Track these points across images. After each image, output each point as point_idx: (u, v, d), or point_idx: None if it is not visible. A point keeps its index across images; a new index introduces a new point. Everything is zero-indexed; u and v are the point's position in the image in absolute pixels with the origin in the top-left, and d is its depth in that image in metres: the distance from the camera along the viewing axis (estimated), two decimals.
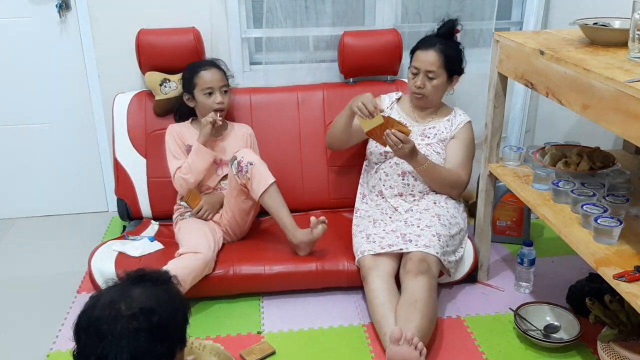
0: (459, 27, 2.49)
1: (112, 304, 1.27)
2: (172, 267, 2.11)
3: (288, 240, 2.39)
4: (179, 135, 2.56)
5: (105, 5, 2.76)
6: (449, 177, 2.42)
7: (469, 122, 2.52)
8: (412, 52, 2.50)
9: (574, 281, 2.30)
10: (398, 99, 2.63)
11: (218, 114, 2.48)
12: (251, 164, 2.34)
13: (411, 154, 2.28)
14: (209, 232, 2.38)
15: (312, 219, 2.34)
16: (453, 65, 2.45)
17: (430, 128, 2.51)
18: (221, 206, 2.53)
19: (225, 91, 2.52)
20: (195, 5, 2.80)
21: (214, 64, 2.54)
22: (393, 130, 2.24)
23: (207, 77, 2.49)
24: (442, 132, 2.50)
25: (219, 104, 2.48)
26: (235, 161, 2.36)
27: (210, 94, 2.49)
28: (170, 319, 1.29)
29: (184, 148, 2.54)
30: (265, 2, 2.80)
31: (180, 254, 2.24)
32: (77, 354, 1.29)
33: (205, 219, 2.50)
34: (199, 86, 2.50)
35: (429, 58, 2.41)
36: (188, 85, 2.54)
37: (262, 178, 2.34)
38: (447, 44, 2.43)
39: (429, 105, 2.52)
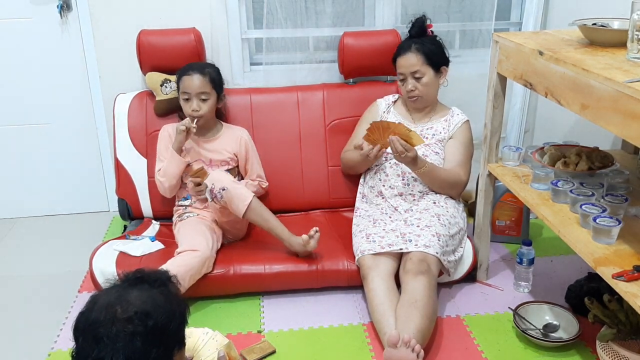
0: (429, 22, 2.53)
1: (108, 306, 1.27)
2: (171, 266, 2.12)
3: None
4: (170, 135, 2.57)
5: (106, 5, 2.76)
6: (448, 178, 2.43)
7: (467, 121, 2.53)
8: (393, 61, 2.52)
9: (573, 281, 2.30)
10: (395, 102, 2.64)
11: (195, 121, 2.46)
12: (223, 190, 2.30)
13: (412, 161, 2.30)
14: (207, 231, 2.39)
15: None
16: (436, 58, 2.47)
17: (428, 128, 2.52)
18: None
19: (204, 99, 2.48)
20: (195, 6, 2.80)
21: (200, 69, 2.49)
22: (397, 137, 2.25)
23: (186, 82, 2.48)
24: (440, 132, 2.51)
25: (193, 111, 2.47)
26: (207, 189, 2.34)
27: (187, 100, 2.49)
28: (167, 322, 1.29)
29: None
30: (265, 3, 2.81)
31: (179, 253, 2.25)
32: (75, 355, 1.29)
33: (196, 193, 2.48)
34: (180, 90, 2.52)
35: (410, 60, 2.44)
36: (177, 87, 2.56)
37: (240, 199, 2.31)
38: (422, 42, 2.46)
39: (427, 103, 2.53)
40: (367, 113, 2.67)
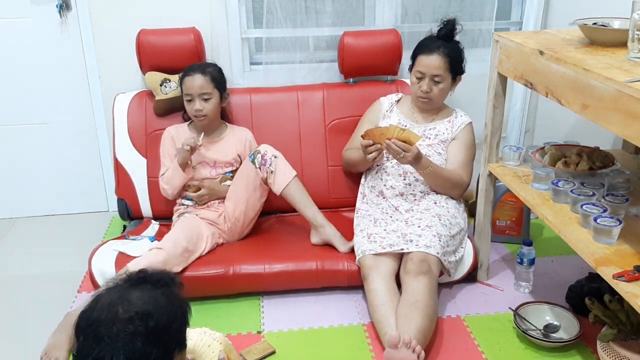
0: (458, 27, 2.48)
1: (110, 306, 1.27)
2: (136, 263, 2.12)
3: (306, 230, 2.46)
4: (173, 138, 2.58)
5: (106, 5, 2.76)
6: (450, 179, 2.42)
7: (470, 123, 2.53)
8: (414, 56, 2.48)
9: (574, 281, 2.30)
10: (398, 101, 2.64)
11: (201, 137, 2.47)
12: (275, 157, 2.39)
13: (415, 160, 2.28)
14: (194, 230, 2.37)
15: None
16: (457, 67, 2.46)
17: (431, 129, 2.52)
18: (218, 197, 2.54)
19: (206, 99, 2.48)
20: (195, 6, 2.80)
21: (201, 69, 2.50)
22: (393, 140, 2.24)
23: (188, 83, 2.49)
24: (443, 133, 2.50)
25: (196, 111, 2.48)
26: (259, 154, 2.39)
27: (190, 100, 2.50)
28: (168, 323, 1.29)
29: (177, 151, 2.56)
30: (265, 2, 2.80)
31: (149, 250, 2.26)
32: (76, 354, 1.29)
33: (200, 203, 2.53)
34: (183, 92, 2.53)
35: (435, 62, 2.40)
36: (181, 90, 2.57)
37: (286, 171, 2.41)
38: (449, 46, 2.43)
39: (434, 107, 2.53)
40: (369, 111, 2.67)
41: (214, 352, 1.67)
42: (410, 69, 2.51)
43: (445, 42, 2.43)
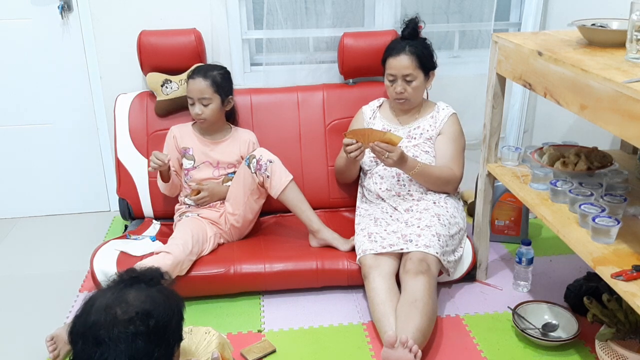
0: (421, 24, 2.51)
1: (107, 308, 1.27)
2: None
3: (306, 231, 2.47)
4: (175, 138, 2.60)
5: (107, 6, 2.77)
6: (442, 175, 2.43)
7: (454, 114, 2.53)
8: (383, 61, 2.51)
9: (572, 280, 2.31)
10: (379, 106, 2.65)
11: (167, 159, 2.45)
12: (270, 162, 2.39)
13: (401, 161, 2.29)
14: (197, 232, 2.38)
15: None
16: (427, 63, 2.47)
17: (415, 128, 2.52)
18: (219, 198, 2.55)
19: (205, 104, 2.48)
20: (196, 7, 2.81)
21: (204, 73, 2.50)
22: (376, 142, 2.25)
23: (190, 86, 2.50)
24: (428, 130, 2.51)
25: (195, 115, 2.51)
26: (254, 159, 2.39)
27: (192, 104, 2.51)
28: (167, 321, 1.30)
29: (179, 150, 2.58)
30: (265, 4, 2.81)
31: (157, 252, 2.26)
32: (75, 359, 1.29)
33: (201, 204, 2.54)
34: (187, 93, 2.54)
35: (403, 63, 2.43)
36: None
37: (282, 175, 2.40)
38: (415, 44, 2.45)
39: (413, 106, 2.54)
40: (354, 121, 2.68)
41: (210, 351, 1.68)
42: (384, 74, 2.53)
43: (411, 41, 2.46)
